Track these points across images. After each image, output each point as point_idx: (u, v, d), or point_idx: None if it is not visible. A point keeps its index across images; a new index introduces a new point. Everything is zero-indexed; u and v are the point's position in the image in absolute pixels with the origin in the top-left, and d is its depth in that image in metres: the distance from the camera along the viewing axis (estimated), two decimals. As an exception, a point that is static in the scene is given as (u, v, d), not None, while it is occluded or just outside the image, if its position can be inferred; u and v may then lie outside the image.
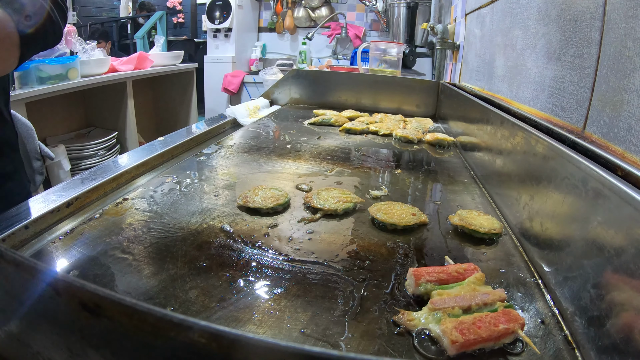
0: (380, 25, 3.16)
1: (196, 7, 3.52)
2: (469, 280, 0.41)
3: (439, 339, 0.35)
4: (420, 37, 2.31)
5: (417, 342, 0.35)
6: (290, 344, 0.17)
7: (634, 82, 0.43)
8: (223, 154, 0.88)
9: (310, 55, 3.26)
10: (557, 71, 0.62)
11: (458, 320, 0.35)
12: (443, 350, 0.34)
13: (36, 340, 0.23)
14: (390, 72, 1.72)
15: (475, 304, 0.37)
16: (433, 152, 1.02)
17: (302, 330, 0.36)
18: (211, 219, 0.56)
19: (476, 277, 0.41)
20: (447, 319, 0.35)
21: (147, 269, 0.43)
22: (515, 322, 0.35)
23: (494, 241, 0.55)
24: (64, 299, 0.20)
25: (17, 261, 0.21)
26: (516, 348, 0.35)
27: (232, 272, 0.44)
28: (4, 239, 0.44)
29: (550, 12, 0.66)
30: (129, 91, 2.44)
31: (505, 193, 0.66)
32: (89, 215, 0.54)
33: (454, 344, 0.33)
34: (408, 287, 0.42)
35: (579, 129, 0.54)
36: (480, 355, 0.34)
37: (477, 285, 0.40)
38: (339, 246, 0.51)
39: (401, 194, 0.71)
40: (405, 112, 1.47)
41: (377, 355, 0.34)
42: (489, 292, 0.39)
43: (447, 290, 0.39)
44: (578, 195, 0.42)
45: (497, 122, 0.76)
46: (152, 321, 0.18)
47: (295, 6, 3.35)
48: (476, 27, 1.23)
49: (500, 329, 0.34)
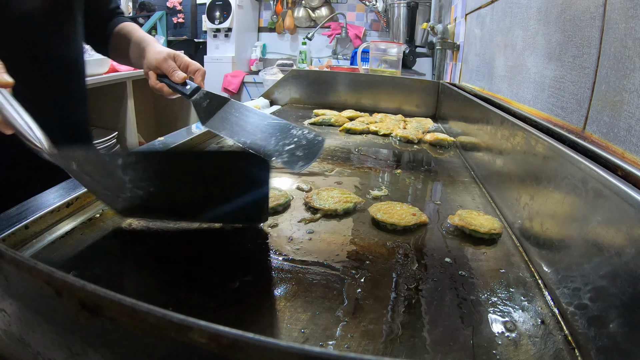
0: (380, 25, 3.16)
1: (196, 7, 3.52)
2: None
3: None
4: (420, 37, 2.31)
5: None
6: (290, 344, 0.17)
7: (634, 82, 0.43)
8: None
9: (310, 55, 3.26)
10: (557, 71, 0.62)
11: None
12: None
13: (36, 340, 0.23)
14: (390, 72, 1.72)
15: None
16: (433, 152, 1.02)
17: (302, 330, 0.36)
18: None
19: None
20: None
21: (147, 268, 0.43)
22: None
23: (494, 241, 0.55)
24: (64, 299, 0.20)
25: (17, 261, 0.21)
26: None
27: (232, 272, 0.44)
28: (4, 239, 0.44)
29: (550, 12, 0.66)
30: (129, 91, 2.44)
31: (505, 193, 0.66)
32: (89, 215, 0.54)
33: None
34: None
35: (579, 129, 0.54)
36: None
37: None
38: (339, 246, 0.51)
39: (401, 194, 0.71)
40: (405, 112, 1.47)
41: (377, 355, 0.34)
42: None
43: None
44: (578, 195, 0.42)
45: (497, 122, 0.76)
46: (152, 321, 0.18)
47: (295, 6, 3.35)
48: (476, 27, 1.23)
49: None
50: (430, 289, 0.43)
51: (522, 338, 0.37)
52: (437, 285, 0.44)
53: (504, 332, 0.37)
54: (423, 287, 0.44)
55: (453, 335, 0.37)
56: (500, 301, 0.42)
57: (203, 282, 0.42)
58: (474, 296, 0.43)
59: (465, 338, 0.36)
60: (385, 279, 0.45)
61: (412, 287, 0.44)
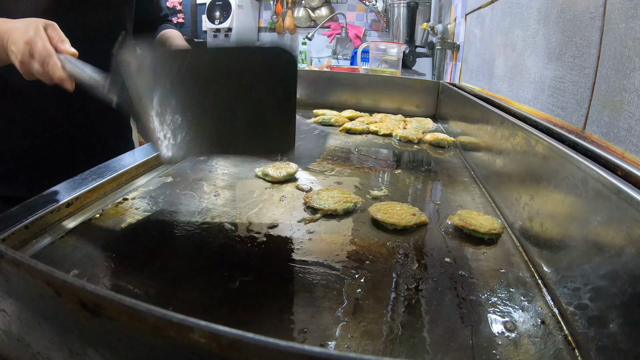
0: (380, 25, 3.16)
1: (196, 7, 3.52)
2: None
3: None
4: (420, 37, 2.31)
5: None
6: (290, 344, 0.17)
7: (634, 82, 0.43)
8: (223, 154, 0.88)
9: (310, 55, 3.26)
10: (557, 71, 0.62)
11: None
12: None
13: (36, 340, 0.23)
14: (390, 72, 1.72)
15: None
16: (433, 152, 1.02)
17: (302, 330, 0.36)
18: (211, 219, 0.56)
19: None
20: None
21: (147, 268, 0.43)
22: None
23: (494, 241, 0.55)
24: (64, 299, 0.20)
25: (17, 261, 0.21)
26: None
27: (232, 272, 0.44)
28: (4, 239, 0.44)
29: (550, 12, 0.66)
30: (129, 91, 2.43)
31: (505, 193, 0.66)
32: (89, 215, 0.54)
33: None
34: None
35: (579, 129, 0.54)
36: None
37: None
38: (339, 246, 0.51)
39: (401, 194, 0.71)
40: (405, 112, 1.47)
41: (377, 355, 0.34)
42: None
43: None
44: (578, 195, 0.42)
45: (497, 122, 0.76)
46: (152, 321, 0.18)
47: (295, 6, 3.35)
48: (476, 27, 1.23)
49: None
50: (430, 289, 0.43)
51: (522, 338, 0.37)
52: (437, 285, 0.44)
53: (504, 332, 0.37)
54: (423, 287, 0.44)
55: (453, 336, 0.37)
56: (500, 301, 0.42)
57: (203, 282, 0.42)
58: (474, 296, 0.43)
59: (465, 338, 0.36)
60: (385, 279, 0.45)
61: (412, 287, 0.44)
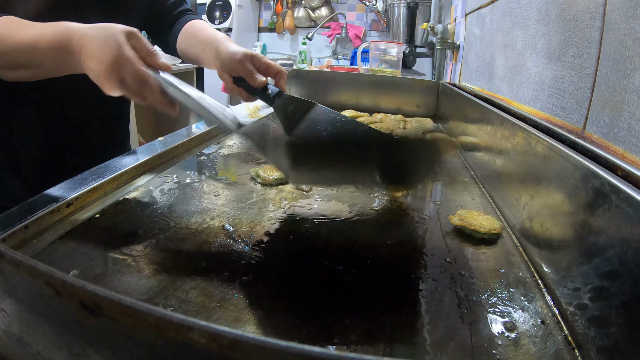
0: (380, 25, 3.16)
1: (196, 7, 3.51)
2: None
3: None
4: (420, 37, 2.31)
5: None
6: (290, 344, 0.17)
7: (634, 82, 0.43)
8: (223, 154, 0.88)
9: (310, 55, 3.26)
10: (557, 71, 0.62)
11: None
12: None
13: (36, 340, 0.23)
14: (390, 72, 1.72)
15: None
16: (433, 152, 1.02)
17: (302, 331, 0.36)
18: (211, 219, 0.56)
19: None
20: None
21: (146, 268, 0.43)
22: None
23: (494, 241, 0.55)
24: (64, 299, 0.20)
25: (17, 261, 0.21)
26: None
27: (232, 272, 0.44)
28: (4, 239, 0.44)
29: (550, 12, 0.66)
30: (129, 91, 2.43)
31: (505, 193, 0.66)
32: (89, 215, 0.54)
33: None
34: None
35: (579, 129, 0.54)
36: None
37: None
38: (339, 246, 0.51)
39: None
40: (405, 112, 1.47)
41: (377, 355, 0.34)
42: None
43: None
44: (578, 196, 0.42)
45: (497, 122, 0.76)
46: (152, 321, 0.18)
47: (295, 6, 3.35)
48: (476, 27, 1.23)
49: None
50: (430, 289, 0.43)
51: (522, 338, 0.37)
52: (437, 285, 0.44)
53: (504, 332, 0.37)
54: (423, 287, 0.44)
55: (453, 336, 0.37)
56: (500, 301, 0.42)
57: (203, 282, 0.42)
58: (474, 296, 0.43)
59: (465, 338, 0.36)
60: (386, 278, 0.45)
61: (412, 287, 0.43)
